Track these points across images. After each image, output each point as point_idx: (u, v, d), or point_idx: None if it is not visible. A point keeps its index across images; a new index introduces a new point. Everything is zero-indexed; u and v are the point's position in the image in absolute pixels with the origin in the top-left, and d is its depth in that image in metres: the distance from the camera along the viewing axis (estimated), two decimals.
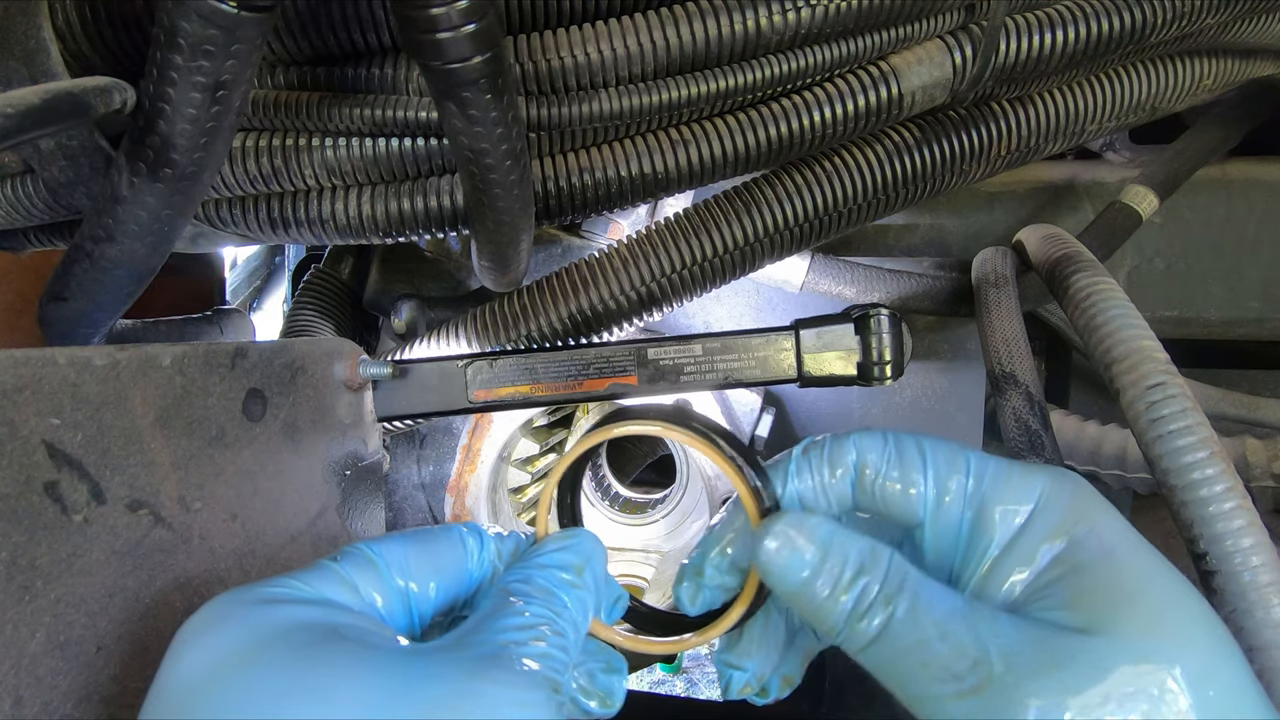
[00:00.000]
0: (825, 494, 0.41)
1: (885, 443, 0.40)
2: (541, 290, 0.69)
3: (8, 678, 0.30)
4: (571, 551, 0.40)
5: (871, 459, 0.40)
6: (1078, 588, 0.35)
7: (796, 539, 0.37)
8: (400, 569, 0.37)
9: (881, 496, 0.40)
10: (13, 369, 0.31)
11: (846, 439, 0.41)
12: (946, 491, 0.39)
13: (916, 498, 0.39)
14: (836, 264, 0.82)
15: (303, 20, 0.52)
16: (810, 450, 0.41)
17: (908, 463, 0.39)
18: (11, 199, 0.57)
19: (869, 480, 0.40)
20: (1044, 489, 0.38)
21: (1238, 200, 0.87)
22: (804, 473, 0.41)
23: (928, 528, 0.39)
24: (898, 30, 0.59)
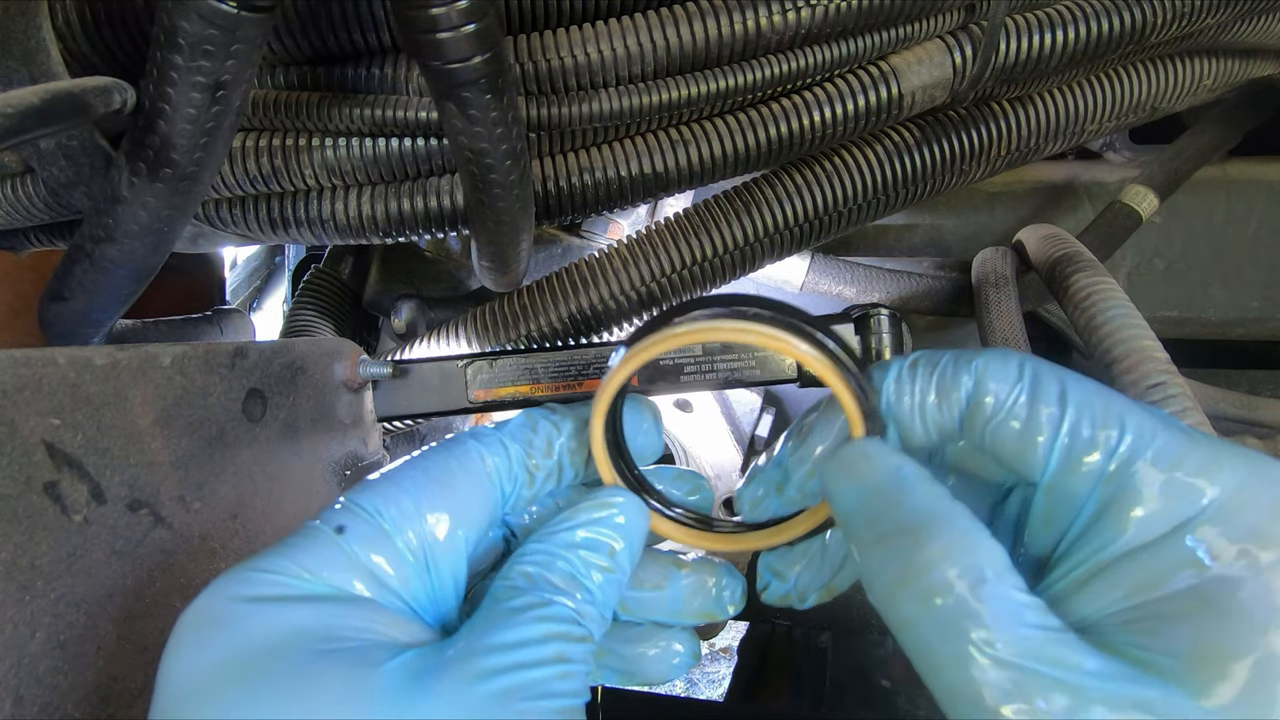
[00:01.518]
0: (924, 421, 0.34)
1: (1018, 377, 0.32)
2: (541, 290, 0.69)
3: (8, 678, 0.30)
4: (607, 525, 0.35)
5: (993, 394, 0.32)
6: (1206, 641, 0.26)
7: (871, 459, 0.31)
8: (414, 529, 0.33)
9: (994, 442, 0.32)
10: (13, 369, 0.31)
11: (969, 363, 0.33)
12: (1079, 459, 0.30)
13: (1038, 455, 0.31)
14: (836, 264, 0.82)
15: (303, 20, 0.52)
16: (919, 366, 0.34)
17: (1039, 408, 0.31)
18: (11, 199, 0.57)
19: (983, 420, 0.32)
20: (1224, 489, 0.28)
21: (1238, 200, 0.87)
22: (904, 393, 0.34)
23: (1040, 495, 0.32)
24: (898, 30, 0.59)
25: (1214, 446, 0.29)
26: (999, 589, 0.27)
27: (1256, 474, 0.28)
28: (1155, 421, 0.30)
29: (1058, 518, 0.31)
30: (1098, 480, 0.30)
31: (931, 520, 0.29)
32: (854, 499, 0.31)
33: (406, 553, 0.32)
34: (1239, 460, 0.29)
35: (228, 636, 0.29)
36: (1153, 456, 0.29)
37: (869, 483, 0.31)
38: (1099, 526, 0.30)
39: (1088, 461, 0.30)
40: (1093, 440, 0.30)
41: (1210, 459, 0.29)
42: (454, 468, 0.35)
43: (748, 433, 0.89)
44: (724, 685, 2.73)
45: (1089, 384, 0.31)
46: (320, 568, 0.31)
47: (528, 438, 0.37)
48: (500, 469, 0.36)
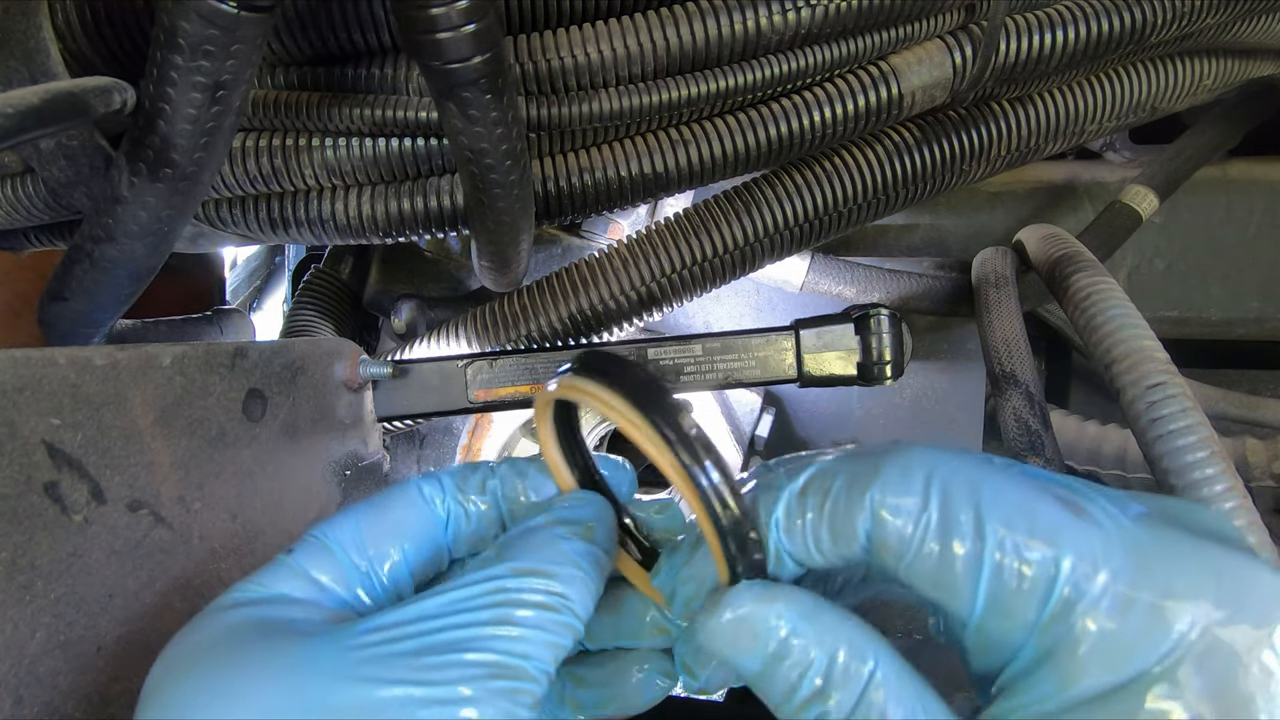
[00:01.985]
0: (822, 553, 0.29)
1: (923, 506, 0.27)
2: (541, 290, 0.69)
3: (8, 678, 0.30)
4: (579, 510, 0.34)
5: (895, 531, 0.27)
6: None
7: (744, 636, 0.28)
8: (354, 546, 0.35)
9: (909, 580, 0.28)
10: (13, 369, 0.31)
11: (863, 493, 0.28)
12: (1008, 607, 0.26)
13: (960, 599, 0.27)
14: (836, 264, 0.82)
15: (303, 20, 0.52)
16: (810, 492, 0.29)
17: (951, 545, 0.26)
18: (11, 199, 0.57)
19: (891, 560, 0.28)
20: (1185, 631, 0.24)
21: (1238, 200, 0.87)
22: (794, 527, 0.29)
23: (972, 632, 0.27)
24: (898, 30, 0.59)
25: (1172, 567, 0.25)
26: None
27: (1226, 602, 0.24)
28: (1097, 540, 0.25)
29: (991, 656, 0.27)
30: (1032, 628, 0.26)
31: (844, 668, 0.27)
32: (752, 666, 0.28)
33: (348, 565, 0.35)
34: (1205, 585, 0.24)
35: (189, 636, 0.31)
36: (1095, 600, 0.25)
37: (765, 650, 0.27)
38: (1039, 676, 0.26)
39: (1019, 609, 0.26)
40: (1021, 584, 0.25)
41: (1168, 589, 0.24)
42: (393, 494, 0.37)
43: (748, 433, 0.89)
44: None
45: (1011, 497, 0.26)
46: (269, 580, 0.34)
47: (463, 474, 0.39)
48: (435, 495, 0.37)
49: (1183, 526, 0.27)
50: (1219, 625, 0.24)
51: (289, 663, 0.28)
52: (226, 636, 0.30)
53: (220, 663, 0.29)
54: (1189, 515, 0.29)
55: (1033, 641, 0.26)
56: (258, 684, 0.27)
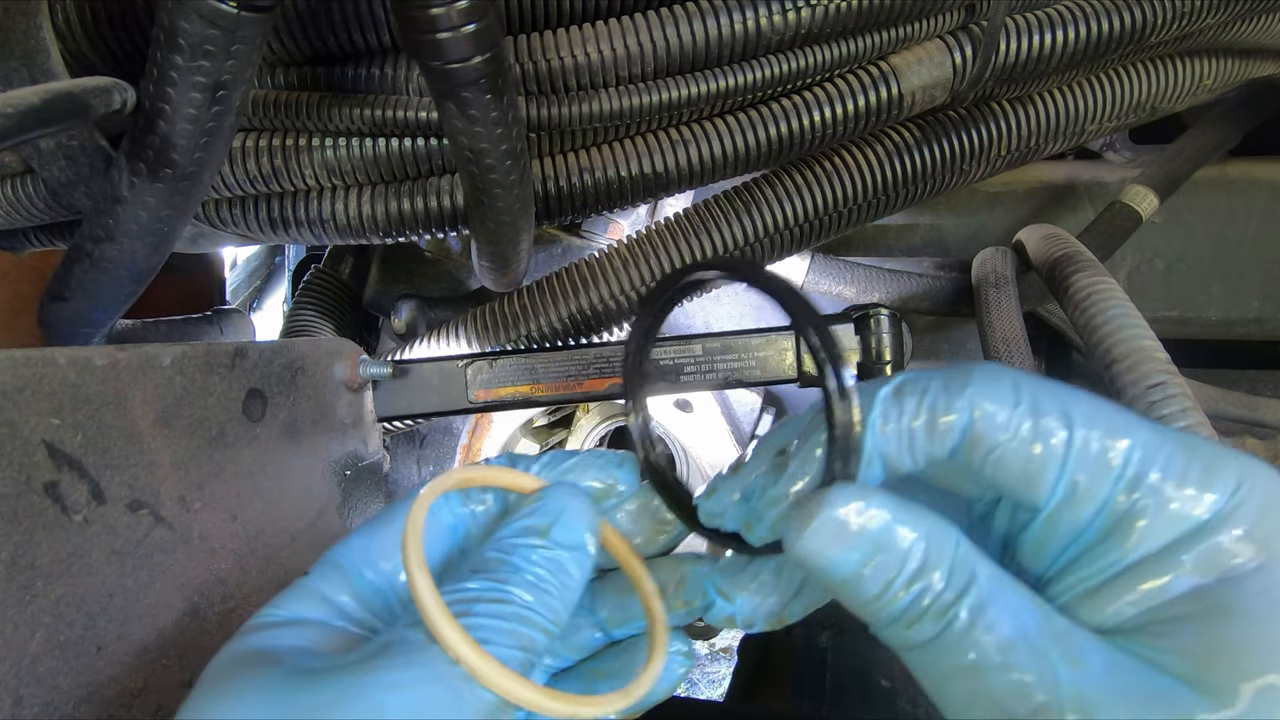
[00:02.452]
0: (912, 452, 0.31)
1: (1015, 403, 0.29)
2: (541, 290, 0.69)
3: (8, 678, 0.30)
4: (536, 515, 0.35)
5: (990, 425, 0.29)
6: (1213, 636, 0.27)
7: (846, 532, 0.29)
8: (366, 563, 0.36)
9: (994, 472, 0.30)
10: (13, 369, 0.31)
11: (962, 390, 0.30)
12: (1084, 487, 0.29)
13: (1045, 486, 0.29)
14: (836, 264, 0.82)
15: (303, 20, 0.52)
16: (906, 393, 0.31)
17: (1041, 438, 0.29)
18: (11, 199, 0.57)
19: (982, 452, 0.30)
20: (1228, 496, 0.28)
21: (1238, 200, 0.87)
22: (890, 421, 0.31)
23: (1041, 521, 0.30)
24: (898, 30, 0.59)
25: (1209, 452, 0.29)
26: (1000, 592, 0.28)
27: (1249, 477, 0.29)
28: (1155, 434, 0.29)
29: (1058, 540, 0.30)
30: (1103, 506, 0.29)
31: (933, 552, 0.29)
32: (852, 565, 0.29)
33: (361, 582, 0.35)
34: (1233, 465, 0.29)
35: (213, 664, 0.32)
36: (1159, 475, 0.29)
37: (862, 544, 0.29)
38: (1104, 546, 0.29)
39: (1094, 490, 0.29)
40: (1101, 468, 0.29)
41: (1209, 467, 0.29)
42: (399, 507, 0.37)
43: (748, 433, 0.89)
44: (724, 685, 2.73)
45: (1085, 399, 0.30)
46: (287, 603, 0.34)
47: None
48: (441, 504, 0.38)
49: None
50: (1247, 482, 0.28)
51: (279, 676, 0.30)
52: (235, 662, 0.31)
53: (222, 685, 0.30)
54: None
55: (1101, 518, 0.29)
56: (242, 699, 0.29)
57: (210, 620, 0.41)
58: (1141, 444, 0.29)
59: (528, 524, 0.35)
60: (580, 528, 0.35)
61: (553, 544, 0.34)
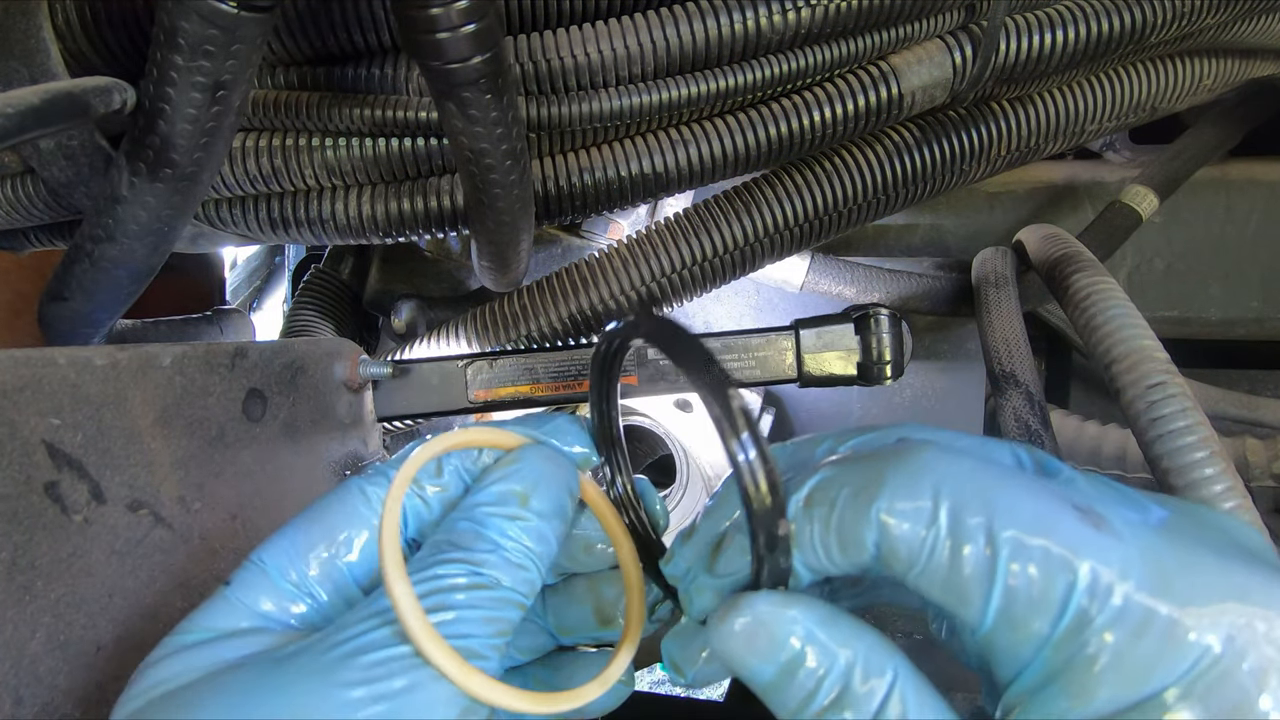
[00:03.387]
0: (832, 564, 0.28)
1: (932, 516, 0.26)
2: (541, 290, 0.69)
3: (8, 678, 0.30)
4: (511, 480, 0.33)
5: (905, 542, 0.26)
6: None
7: (761, 643, 0.27)
8: (290, 565, 0.34)
9: (919, 587, 0.27)
10: (13, 369, 0.31)
11: (870, 502, 0.27)
12: (1021, 622, 0.25)
13: (971, 610, 0.26)
14: (836, 264, 0.82)
15: (303, 20, 0.52)
16: (816, 502, 0.28)
17: (962, 556, 0.25)
18: (11, 199, 0.57)
19: (901, 570, 0.27)
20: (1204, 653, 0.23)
21: (1238, 200, 0.87)
22: (803, 535, 0.28)
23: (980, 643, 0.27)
24: (898, 30, 0.59)
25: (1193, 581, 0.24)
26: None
27: (1246, 627, 0.23)
28: (1115, 553, 0.24)
29: (1000, 666, 0.26)
30: (1045, 643, 0.25)
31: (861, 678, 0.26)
32: (767, 674, 0.27)
33: (288, 587, 0.34)
34: (1227, 603, 0.24)
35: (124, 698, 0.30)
36: (1114, 615, 0.24)
37: (779, 658, 0.27)
38: (1051, 692, 0.25)
39: (1031, 623, 0.25)
40: (1034, 597, 0.24)
41: (1188, 605, 0.23)
42: (330, 504, 0.35)
43: None
44: (724, 685, 2.73)
45: (1025, 506, 0.25)
46: (211, 621, 0.32)
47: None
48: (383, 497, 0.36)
49: (1206, 537, 0.26)
50: (1240, 645, 0.23)
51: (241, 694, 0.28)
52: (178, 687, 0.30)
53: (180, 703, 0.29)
54: (1213, 522, 0.28)
55: (1044, 656, 0.25)
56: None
57: None
58: (1090, 574, 0.24)
59: (505, 488, 0.33)
60: (561, 494, 0.34)
61: (531, 514, 0.33)
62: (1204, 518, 0.28)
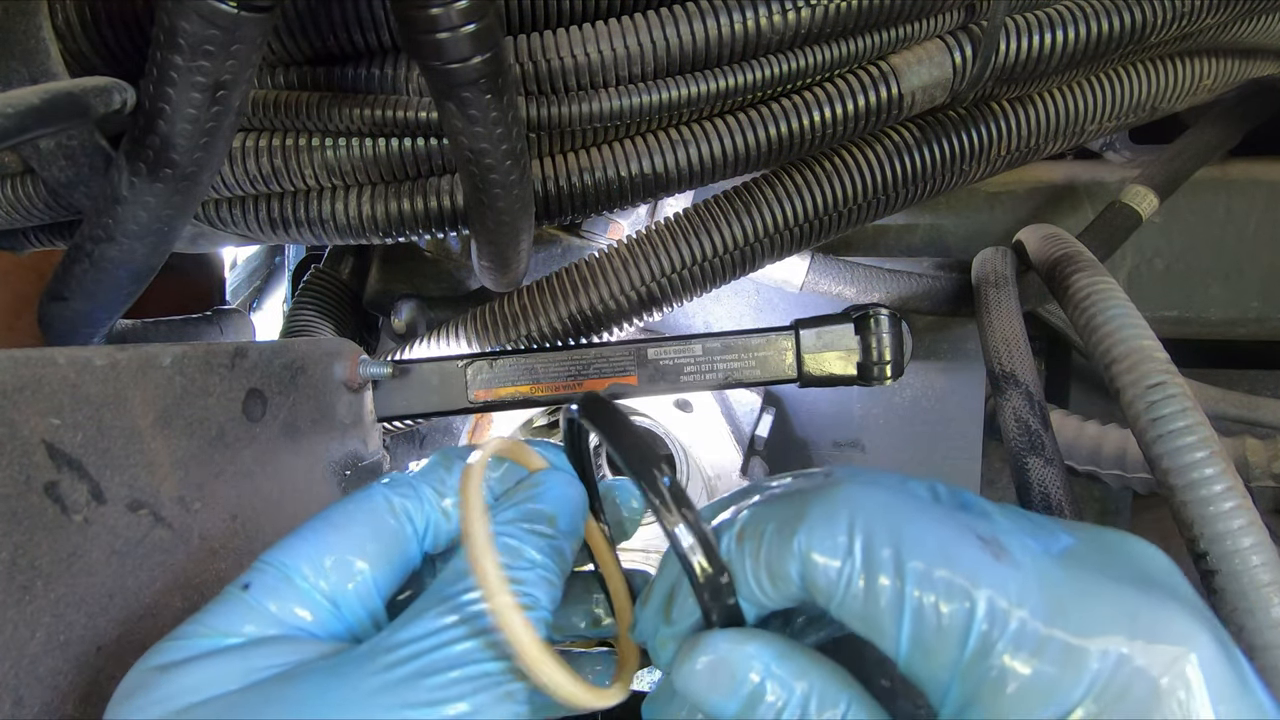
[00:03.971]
0: (767, 597, 0.30)
1: (848, 550, 0.27)
2: (541, 290, 0.69)
3: (8, 678, 0.30)
4: (541, 500, 0.34)
5: (823, 577, 0.28)
6: None
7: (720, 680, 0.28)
8: (314, 571, 0.33)
9: (842, 618, 0.28)
10: (13, 369, 0.31)
11: (791, 538, 0.28)
12: (930, 650, 0.26)
13: (887, 639, 0.27)
14: (836, 264, 0.82)
15: (303, 20, 0.52)
16: (746, 536, 0.30)
17: (876, 589, 0.27)
18: (11, 199, 0.57)
19: (821, 600, 0.28)
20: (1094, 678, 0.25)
21: (1238, 200, 0.87)
22: (738, 570, 0.30)
23: (903, 669, 0.28)
24: (898, 30, 0.59)
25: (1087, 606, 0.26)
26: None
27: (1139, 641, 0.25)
28: (1013, 581, 0.26)
29: (930, 693, 0.28)
30: (955, 668, 0.26)
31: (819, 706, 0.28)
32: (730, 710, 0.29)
33: (312, 594, 0.33)
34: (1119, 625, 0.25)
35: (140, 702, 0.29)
36: (1012, 640, 0.25)
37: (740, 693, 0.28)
38: (972, 713, 0.27)
39: (941, 649, 0.26)
40: (940, 623, 0.26)
41: (1082, 629, 0.25)
42: (352, 511, 0.36)
43: (748, 433, 0.89)
44: None
45: (931, 538, 0.27)
46: (228, 624, 0.32)
47: (440, 476, 0.38)
48: (409, 509, 0.36)
49: (1108, 563, 0.28)
50: (1131, 665, 0.25)
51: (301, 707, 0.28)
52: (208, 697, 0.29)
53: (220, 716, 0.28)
54: (1120, 549, 0.29)
55: (958, 681, 0.26)
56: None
57: None
58: (988, 602, 0.26)
59: (535, 508, 0.34)
60: (579, 518, 0.36)
61: (559, 534, 0.34)
62: (1111, 544, 0.29)
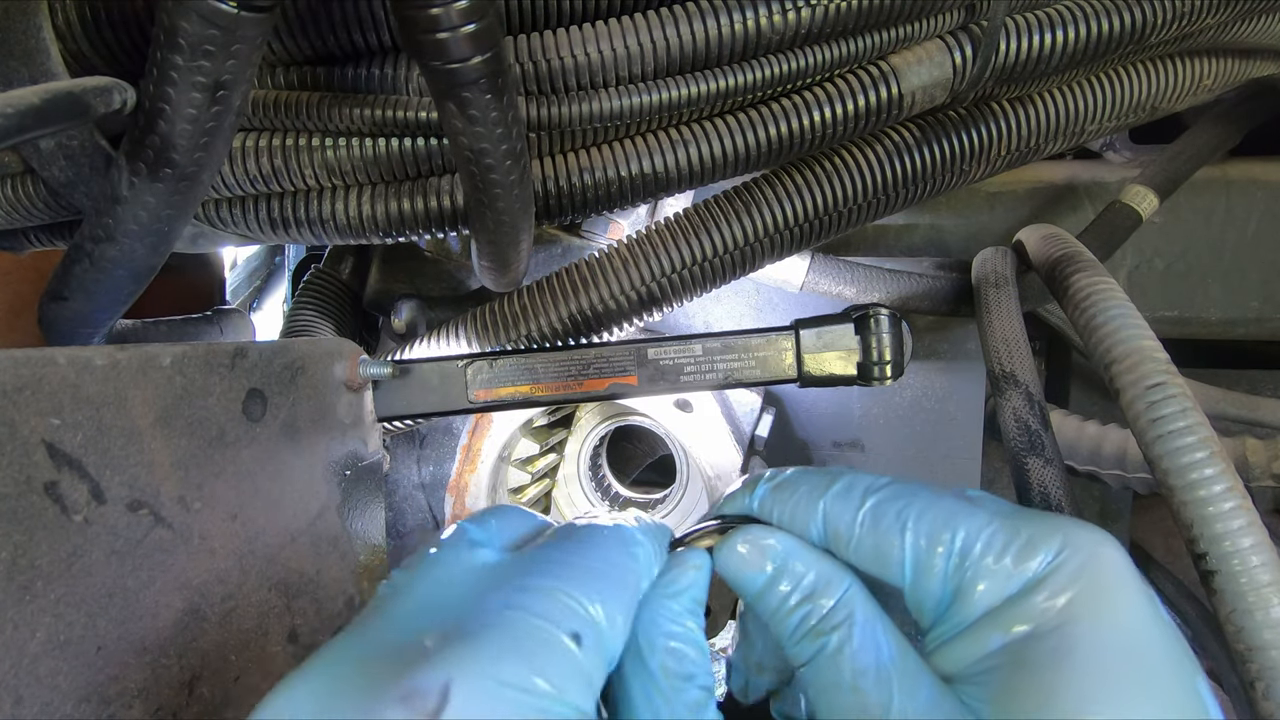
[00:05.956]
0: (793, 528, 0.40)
1: (860, 506, 0.38)
2: (541, 290, 0.69)
3: (8, 678, 0.30)
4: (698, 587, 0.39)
5: (842, 525, 0.38)
6: (1009, 686, 0.33)
7: (754, 550, 0.38)
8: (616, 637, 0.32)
9: (855, 559, 0.38)
10: (13, 369, 0.31)
11: (816, 501, 0.39)
12: (926, 569, 0.36)
13: (893, 569, 0.37)
14: (836, 264, 0.82)
15: (303, 20, 0.52)
16: (780, 491, 0.40)
17: (883, 533, 0.37)
18: (11, 199, 0.57)
19: (840, 545, 0.38)
20: (1045, 564, 0.35)
21: (1238, 200, 0.87)
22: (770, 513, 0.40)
23: (907, 594, 0.38)
24: (898, 30, 0.59)
25: (1034, 529, 0.36)
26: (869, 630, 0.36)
27: (1070, 544, 0.35)
28: (984, 519, 0.36)
29: (926, 607, 0.37)
30: (943, 580, 0.36)
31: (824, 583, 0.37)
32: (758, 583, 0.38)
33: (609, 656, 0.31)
34: (1056, 537, 0.35)
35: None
36: (980, 553, 0.36)
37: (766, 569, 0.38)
38: (952, 610, 0.36)
39: (934, 568, 0.36)
40: (932, 554, 0.36)
41: (1028, 544, 0.35)
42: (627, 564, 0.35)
43: (748, 433, 0.89)
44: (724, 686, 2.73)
45: (922, 492, 0.38)
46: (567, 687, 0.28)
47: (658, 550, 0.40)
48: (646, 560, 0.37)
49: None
50: (1068, 551, 0.35)
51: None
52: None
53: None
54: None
55: (948, 588, 0.36)
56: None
57: (210, 620, 0.41)
58: (965, 531, 0.36)
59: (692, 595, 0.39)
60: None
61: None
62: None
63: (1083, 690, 0.31)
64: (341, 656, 0.27)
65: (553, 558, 0.33)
